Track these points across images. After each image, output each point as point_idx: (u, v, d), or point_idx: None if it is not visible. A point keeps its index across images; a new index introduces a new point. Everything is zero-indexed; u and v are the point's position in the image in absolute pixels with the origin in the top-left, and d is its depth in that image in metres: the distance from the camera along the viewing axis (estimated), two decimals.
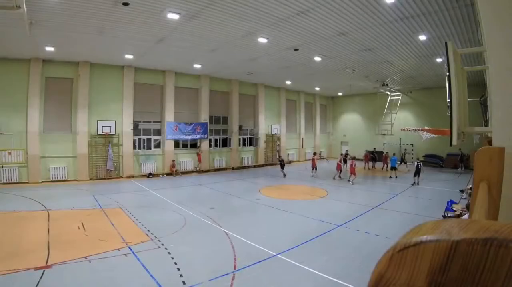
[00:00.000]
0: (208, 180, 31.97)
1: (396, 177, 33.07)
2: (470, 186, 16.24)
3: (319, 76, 38.84)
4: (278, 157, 37.43)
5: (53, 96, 29.87)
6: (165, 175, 35.02)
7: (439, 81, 36.84)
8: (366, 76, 37.90)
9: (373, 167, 40.41)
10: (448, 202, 19.00)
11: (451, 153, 41.72)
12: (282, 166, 35.54)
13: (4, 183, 26.79)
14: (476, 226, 0.86)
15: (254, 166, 44.81)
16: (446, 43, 5.27)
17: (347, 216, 18.18)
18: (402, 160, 40.55)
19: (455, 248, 0.83)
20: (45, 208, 19.57)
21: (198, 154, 38.20)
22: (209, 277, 10.52)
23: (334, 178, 32.33)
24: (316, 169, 35.76)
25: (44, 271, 10.71)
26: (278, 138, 48.91)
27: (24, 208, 19.27)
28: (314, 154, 39.11)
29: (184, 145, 38.71)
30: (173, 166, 35.36)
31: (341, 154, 38.66)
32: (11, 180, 27.36)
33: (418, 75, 36.51)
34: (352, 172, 29.57)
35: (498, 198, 2.97)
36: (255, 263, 11.72)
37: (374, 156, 40.61)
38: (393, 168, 33.94)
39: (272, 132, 47.92)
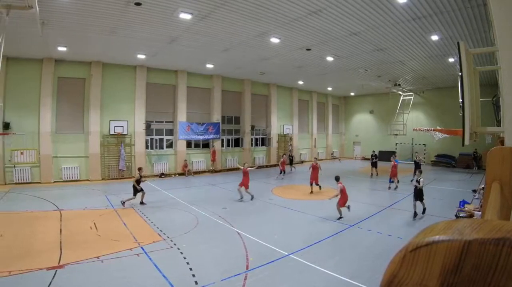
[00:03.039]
0: (220, 180, 31.98)
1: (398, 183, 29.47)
2: (483, 186, 16.10)
3: (332, 76, 38.91)
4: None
5: (65, 96, 30.13)
6: (177, 175, 35.12)
7: (451, 81, 36.71)
8: (379, 76, 37.85)
9: (377, 174, 35.14)
10: (460, 202, 18.93)
11: (463, 152, 41.73)
12: (139, 189, 20.96)
13: (16, 183, 26.95)
14: (488, 226, 0.87)
15: (266, 166, 44.77)
16: (458, 43, 5.23)
17: (359, 216, 18.10)
18: (416, 166, 30.22)
19: (468, 248, 0.83)
20: (58, 208, 19.65)
21: (212, 152, 38.33)
22: (222, 277, 10.50)
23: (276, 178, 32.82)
24: (284, 172, 34.53)
25: (56, 271, 10.73)
26: (291, 138, 48.93)
27: (36, 208, 19.31)
28: (283, 155, 37.60)
29: (197, 145, 38.91)
30: (185, 166, 35.46)
31: (284, 155, 38.10)
32: (24, 180, 27.50)
33: (431, 75, 36.47)
34: (394, 174, 27.28)
35: (511, 198, 2.93)
36: (267, 263, 11.70)
37: (375, 160, 35.61)
38: None
39: (285, 132, 47.93)
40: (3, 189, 24.77)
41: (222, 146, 40.69)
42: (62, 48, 25.64)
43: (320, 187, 26.03)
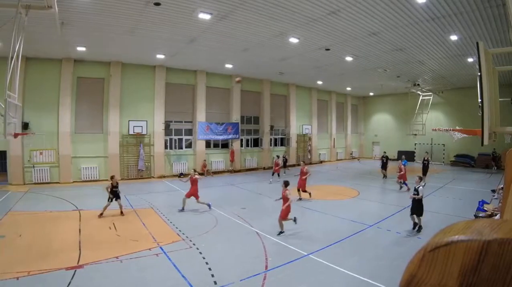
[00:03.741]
0: (239, 180, 31.97)
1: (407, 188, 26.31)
2: (502, 186, 15.96)
3: (351, 76, 38.97)
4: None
5: (84, 96, 30.41)
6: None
7: (470, 81, 36.47)
8: (398, 76, 37.73)
9: (385, 176, 32.85)
10: (479, 202, 18.93)
11: (482, 152, 41.63)
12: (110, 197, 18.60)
13: (35, 183, 27.18)
14: (508, 226, 0.88)
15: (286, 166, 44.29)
16: (477, 43, 5.19)
17: (378, 216, 18.05)
18: (424, 169, 29.30)
19: (487, 248, 0.84)
20: (77, 208, 19.83)
21: (231, 152, 38.33)
22: (241, 277, 10.51)
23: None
24: (278, 175, 31.64)
25: (75, 271, 10.77)
26: (310, 139, 48.91)
27: (55, 208, 19.39)
28: (278, 157, 34.91)
29: (216, 145, 38.97)
30: (204, 166, 35.52)
31: (277, 156, 35.84)
32: (43, 180, 27.75)
33: (450, 75, 36.32)
34: (402, 177, 25.64)
35: None
36: (286, 263, 11.70)
37: (385, 162, 33.25)
38: None
39: (304, 133, 47.96)
40: (22, 189, 24.97)
41: (241, 146, 40.75)
42: (81, 48, 25.86)
43: (310, 194, 23.38)
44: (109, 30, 21.80)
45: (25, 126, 26.28)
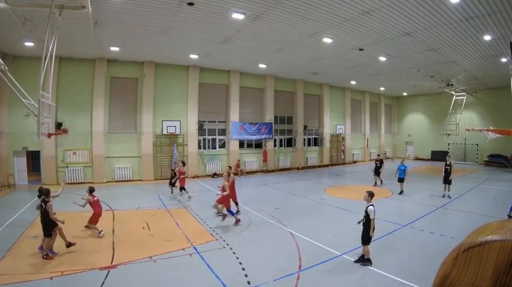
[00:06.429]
0: (272, 180, 31.94)
1: (402, 192, 25.07)
2: None
3: (384, 76, 38.75)
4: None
5: (117, 96, 30.71)
6: None
7: (504, 81, 36.24)
8: (431, 76, 37.48)
9: (381, 182, 29.18)
10: None
11: None
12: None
13: (69, 183, 27.43)
14: None
15: (319, 166, 44.80)
16: (510, 43, 5.08)
17: (411, 216, 17.94)
18: (446, 176, 23.62)
19: None
20: (110, 208, 20.04)
21: (264, 152, 38.30)
22: (274, 277, 10.52)
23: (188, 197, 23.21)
24: (184, 189, 23.24)
25: (109, 271, 10.84)
26: (343, 139, 48.82)
27: (89, 208, 19.46)
28: (184, 164, 24.22)
29: (249, 145, 39.03)
30: (238, 166, 35.50)
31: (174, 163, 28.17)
32: (76, 179, 28.10)
33: (483, 75, 35.97)
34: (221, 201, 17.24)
35: None
36: (320, 263, 11.69)
37: (379, 166, 28.92)
38: (401, 180, 25.26)
39: (337, 133, 47.81)
40: (55, 189, 25.15)
41: (275, 145, 40.72)
42: (114, 48, 26.13)
43: (237, 211, 18.60)
44: (143, 30, 21.97)
45: (59, 126, 26.36)
